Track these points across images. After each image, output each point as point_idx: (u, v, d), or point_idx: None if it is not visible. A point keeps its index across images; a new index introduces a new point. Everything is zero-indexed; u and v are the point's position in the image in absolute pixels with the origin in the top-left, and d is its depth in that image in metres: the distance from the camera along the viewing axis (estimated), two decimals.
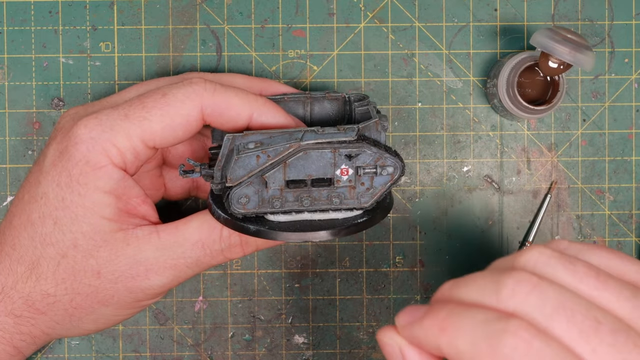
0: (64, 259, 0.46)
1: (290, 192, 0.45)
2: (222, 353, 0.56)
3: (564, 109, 0.56)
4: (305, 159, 0.44)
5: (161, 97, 0.45)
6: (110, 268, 0.46)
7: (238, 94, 0.46)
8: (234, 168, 0.44)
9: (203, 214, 0.48)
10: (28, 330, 0.47)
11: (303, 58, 0.56)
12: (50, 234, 0.46)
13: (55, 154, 0.46)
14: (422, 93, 0.56)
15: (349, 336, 0.56)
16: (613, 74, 0.56)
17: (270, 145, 0.44)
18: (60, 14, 0.56)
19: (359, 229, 0.46)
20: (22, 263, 0.46)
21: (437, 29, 0.56)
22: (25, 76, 0.56)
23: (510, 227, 0.56)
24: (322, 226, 0.46)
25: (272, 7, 0.56)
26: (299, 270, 0.56)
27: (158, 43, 0.56)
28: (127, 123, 0.45)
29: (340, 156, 0.45)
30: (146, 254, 0.46)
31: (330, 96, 0.50)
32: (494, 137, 0.56)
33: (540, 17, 0.56)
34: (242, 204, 0.45)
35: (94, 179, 0.45)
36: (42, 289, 0.46)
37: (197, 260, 0.47)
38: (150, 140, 0.45)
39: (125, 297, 0.47)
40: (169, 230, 0.47)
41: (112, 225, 0.46)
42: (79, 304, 0.47)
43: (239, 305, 0.56)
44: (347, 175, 0.45)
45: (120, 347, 0.56)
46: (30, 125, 0.56)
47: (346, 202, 0.46)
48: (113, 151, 0.45)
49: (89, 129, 0.45)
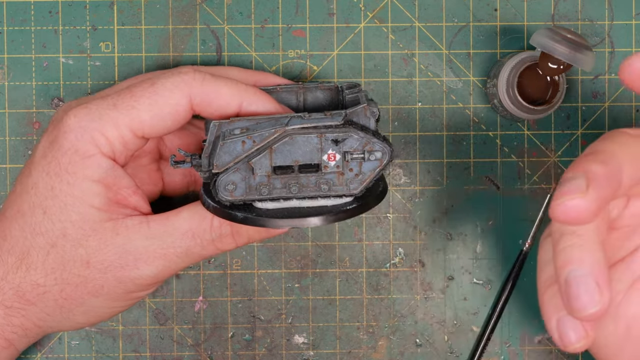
0: (53, 249, 0.46)
1: (278, 178, 0.45)
2: (222, 353, 0.56)
3: (564, 109, 0.56)
4: (291, 144, 0.44)
5: (150, 86, 0.45)
6: (99, 257, 0.46)
7: (227, 83, 0.46)
8: (220, 154, 0.44)
9: (194, 205, 0.48)
10: (19, 322, 0.47)
11: (303, 58, 0.56)
12: (39, 223, 0.46)
13: (46, 144, 0.46)
14: (422, 93, 0.56)
15: (349, 336, 0.56)
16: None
17: (256, 130, 0.44)
18: (60, 14, 0.56)
19: (349, 215, 0.45)
20: (13, 254, 0.46)
21: (437, 29, 0.56)
22: (25, 76, 0.56)
23: (510, 227, 0.56)
24: (311, 213, 0.45)
25: (272, 7, 0.56)
26: (299, 270, 0.56)
27: (158, 43, 0.56)
28: (116, 112, 0.45)
29: (327, 141, 0.44)
30: (135, 243, 0.46)
31: (323, 86, 0.50)
32: (494, 137, 0.56)
33: (540, 17, 0.56)
34: (229, 190, 0.45)
35: (83, 168, 0.45)
36: (32, 279, 0.46)
37: (187, 250, 0.47)
38: (139, 129, 0.45)
39: (115, 287, 0.47)
40: (159, 220, 0.47)
41: (102, 215, 0.46)
42: (69, 295, 0.47)
43: (239, 305, 0.56)
44: (334, 161, 0.45)
45: (120, 347, 0.56)
46: (30, 125, 0.56)
47: (335, 189, 0.45)
48: (102, 140, 0.45)
49: (78, 119, 0.45)
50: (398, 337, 0.57)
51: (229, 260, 0.56)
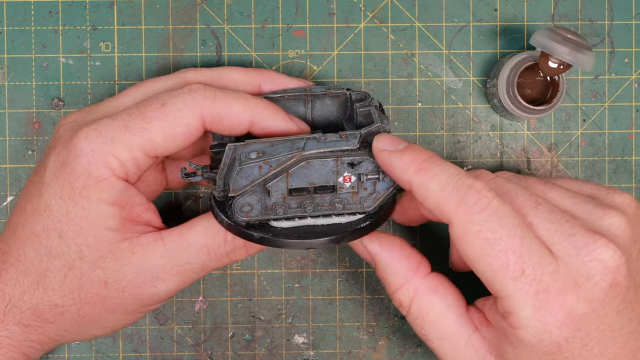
0: (70, 271, 0.46)
1: (293, 199, 0.45)
2: (222, 353, 0.56)
3: (564, 109, 0.56)
4: (308, 167, 0.44)
5: (160, 106, 0.45)
6: (117, 277, 0.46)
7: (238, 99, 0.46)
8: (237, 179, 0.44)
9: (206, 218, 0.48)
10: (37, 337, 0.47)
11: (303, 58, 0.56)
12: (55, 246, 0.46)
13: (56, 165, 0.46)
14: (422, 93, 0.56)
15: (349, 336, 0.56)
16: (613, 74, 0.56)
17: (272, 155, 0.44)
18: (60, 14, 0.56)
19: (363, 233, 0.46)
20: (29, 275, 0.46)
21: (437, 29, 0.56)
22: (25, 76, 0.56)
23: None
24: (326, 232, 0.46)
25: (272, 7, 0.56)
26: (299, 270, 0.56)
27: (158, 43, 0.56)
28: (128, 135, 0.45)
29: (343, 164, 0.45)
30: (152, 262, 0.46)
31: (331, 93, 0.50)
32: (494, 137, 0.56)
33: (540, 17, 0.56)
34: (245, 212, 0.45)
35: (97, 192, 0.45)
36: (50, 300, 0.46)
37: (202, 265, 0.47)
38: (152, 150, 0.45)
39: (132, 304, 0.47)
40: (173, 237, 0.47)
41: (117, 236, 0.46)
42: (87, 313, 0.47)
43: (239, 305, 0.56)
44: (349, 182, 0.45)
45: (120, 347, 0.56)
46: (30, 125, 0.56)
47: (349, 207, 0.46)
48: (115, 163, 0.45)
49: (89, 141, 0.45)
50: (398, 337, 0.57)
51: None
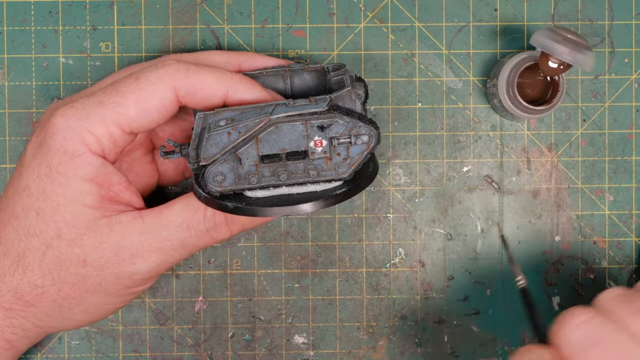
0: (48, 250, 0.46)
1: (266, 167, 0.45)
2: (222, 353, 0.56)
3: (564, 109, 0.56)
4: (277, 132, 0.44)
5: (134, 81, 0.45)
6: (96, 255, 0.46)
7: (212, 72, 0.46)
8: (206, 146, 0.44)
9: (187, 196, 0.48)
10: (19, 322, 0.47)
11: (303, 58, 0.56)
12: (33, 225, 0.46)
13: (35, 146, 0.46)
14: (422, 93, 0.56)
15: (349, 336, 0.56)
16: (613, 74, 0.56)
17: (241, 121, 0.44)
18: (60, 14, 0.56)
19: (340, 199, 0.46)
20: (8, 256, 0.46)
21: (437, 29, 0.56)
22: (25, 76, 0.56)
23: (510, 227, 0.56)
24: (301, 199, 0.45)
25: (272, 7, 0.56)
26: (299, 270, 0.56)
27: (158, 43, 0.56)
28: (102, 109, 0.45)
29: (312, 128, 0.44)
30: (131, 238, 0.46)
31: (309, 67, 0.50)
32: (494, 137, 0.56)
33: (540, 17, 0.56)
34: (217, 181, 0.45)
35: (73, 168, 0.45)
36: (30, 281, 0.46)
37: (182, 242, 0.47)
38: (127, 125, 0.45)
39: (113, 283, 0.47)
40: (152, 214, 0.47)
41: (95, 213, 0.46)
42: (67, 294, 0.47)
43: (239, 305, 0.56)
44: (321, 147, 0.45)
45: (120, 347, 0.56)
46: (30, 125, 0.56)
47: (324, 174, 0.46)
48: (90, 139, 0.45)
49: (65, 118, 0.45)
50: (398, 337, 0.57)
51: (229, 260, 0.56)
